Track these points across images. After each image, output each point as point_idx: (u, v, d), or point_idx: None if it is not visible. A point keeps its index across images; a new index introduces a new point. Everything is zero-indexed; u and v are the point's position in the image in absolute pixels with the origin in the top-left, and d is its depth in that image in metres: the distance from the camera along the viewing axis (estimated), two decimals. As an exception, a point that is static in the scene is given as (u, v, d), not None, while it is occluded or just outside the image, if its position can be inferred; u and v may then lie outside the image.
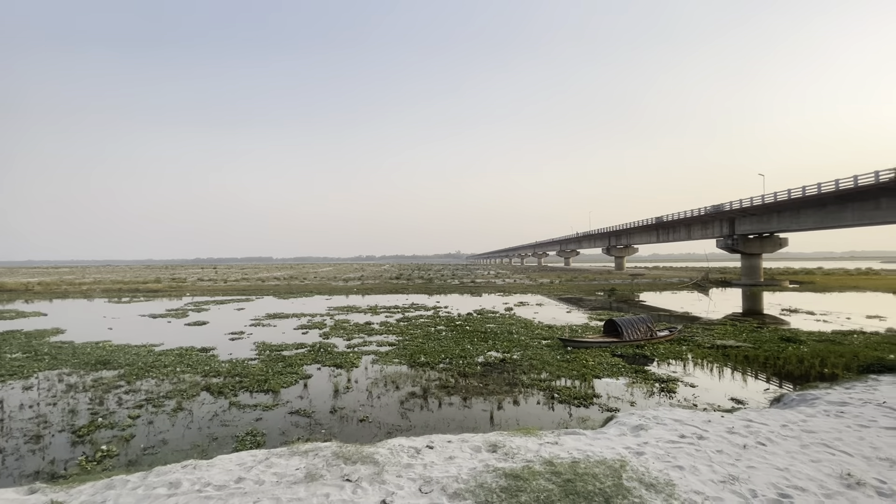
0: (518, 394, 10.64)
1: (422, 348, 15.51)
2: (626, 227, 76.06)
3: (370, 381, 11.66)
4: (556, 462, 4.42)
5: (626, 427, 5.83)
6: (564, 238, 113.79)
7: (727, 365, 13.23)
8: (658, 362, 13.72)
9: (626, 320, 16.81)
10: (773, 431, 5.72)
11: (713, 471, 4.53)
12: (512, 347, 15.63)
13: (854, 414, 6.47)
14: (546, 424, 7.64)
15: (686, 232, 60.55)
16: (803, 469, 4.65)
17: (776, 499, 4.05)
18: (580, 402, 9.93)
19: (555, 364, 13.10)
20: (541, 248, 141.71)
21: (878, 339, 16.43)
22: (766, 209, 44.62)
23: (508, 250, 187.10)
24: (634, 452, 4.91)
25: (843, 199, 36.58)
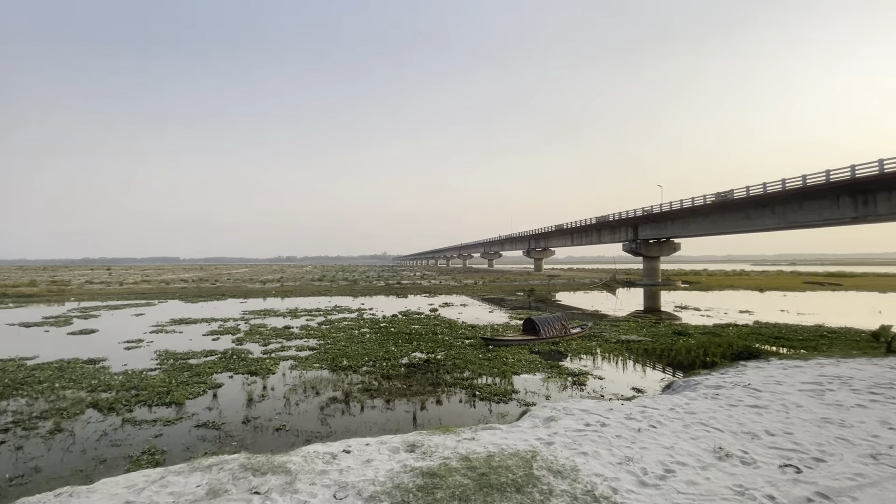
0: (441, 393, 10.78)
1: (344, 352, 15.13)
2: (544, 232, 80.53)
3: (288, 388, 11.13)
4: (472, 457, 4.58)
5: (539, 419, 6.19)
6: (488, 241, 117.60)
7: (630, 358, 14.53)
8: (571, 357, 14.67)
9: (543, 319, 17.77)
10: (662, 415, 6.43)
11: (612, 454, 4.98)
12: (436, 348, 15.80)
13: (726, 395, 7.49)
14: (468, 421, 7.85)
15: (597, 236, 65.60)
16: (685, 446, 5.29)
17: (662, 474, 4.56)
18: (500, 398, 10.30)
19: (477, 363, 13.46)
20: (466, 251, 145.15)
21: (747, 331, 19.08)
22: (663, 217, 49.81)
23: (435, 252, 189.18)
24: (545, 443, 5.24)
25: (721, 209, 41.98)
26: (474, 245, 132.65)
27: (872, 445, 5.55)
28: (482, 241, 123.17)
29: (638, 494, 4.13)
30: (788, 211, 35.58)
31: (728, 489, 4.32)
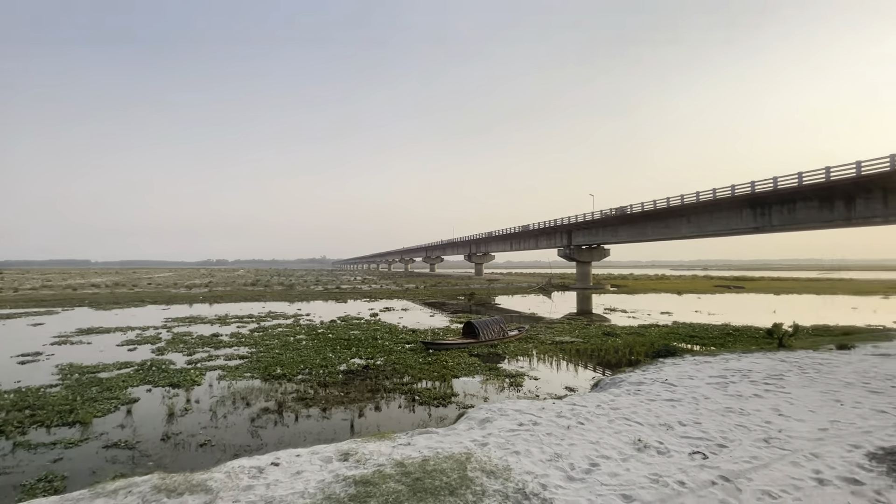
0: (380, 399, 10.64)
1: (278, 359, 14.47)
2: (485, 237, 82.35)
3: (215, 400, 10.44)
4: (406, 463, 4.57)
5: (475, 421, 6.31)
6: (430, 245, 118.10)
7: (564, 358, 15.21)
8: (509, 359, 15.07)
9: (483, 322, 18.12)
10: (590, 412, 6.82)
11: (543, 451, 5.19)
12: (376, 353, 15.58)
13: (646, 391, 8.10)
14: (406, 427, 7.80)
15: (535, 242, 68.19)
16: (609, 440, 5.65)
17: (588, 468, 4.84)
18: (439, 402, 10.35)
19: (417, 367, 13.44)
20: (408, 255, 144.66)
21: (667, 331, 20.72)
22: (594, 224, 52.85)
23: (376, 256, 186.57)
24: (479, 444, 5.35)
25: (645, 218, 45.35)
26: (416, 249, 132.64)
27: (765, 430, 6.26)
28: (424, 246, 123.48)
29: (565, 489, 4.35)
30: (702, 221, 39.18)
31: (645, 478, 4.67)
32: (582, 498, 4.18)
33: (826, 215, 29.48)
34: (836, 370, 9.72)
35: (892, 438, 6.00)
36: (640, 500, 4.23)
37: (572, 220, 55.62)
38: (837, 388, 8.30)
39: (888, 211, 26.31)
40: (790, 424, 6.50)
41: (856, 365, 10.21)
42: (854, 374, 9.39)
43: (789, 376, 9.23)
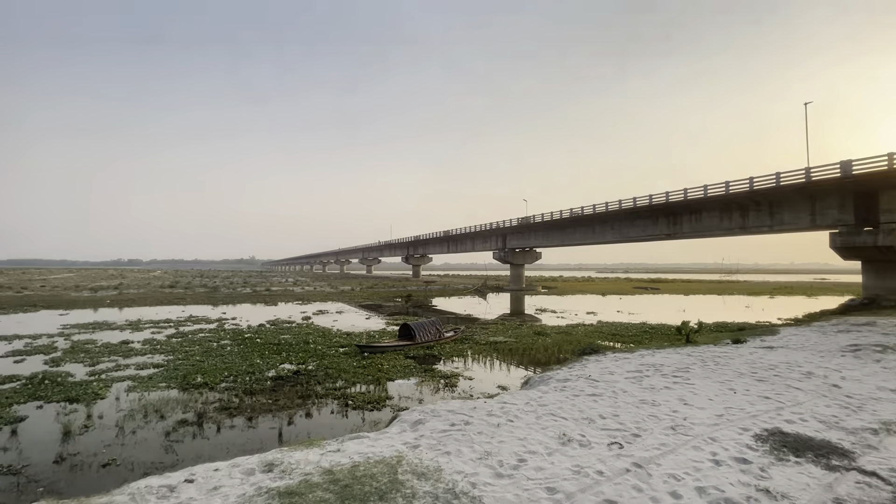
0: (312, 405, 10.32)
1: (199, 367, 13.48)
2: (422, 239, 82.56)
3: (123, 414, 9.50)
4: (335, 470, 4.46)
5: (407, 423, 6.32)
6: (367, 246, 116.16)
7: (497, 358, 15.64)
8: (444, 360, 15.23)
9: (419, 324, 18.16)
10: (519, 409, 7.09)
11: (473, 450, 5.32)
12: (308, 358, 15.05)
13: (572, 387, 8.59)
14: (339, 432, 7.61)
15: (471, 244, 69.52)
16: (537, 436, 5.92)
17: (516, 464, 5.03)
18: (374, 405, 10.23)
19: (351, 371, 13.18)
20: (344, 256, 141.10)
21: (592, 329, 22.08)
22: (526, 228, 55.03)
23: (310, 257, 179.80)
24: (411, 446, 5.36)
25: (574, 223, 48.03)
26: (353, 251, 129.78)
27: (673, 419, 6.89)
28: (361, 247, 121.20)
29: (494, 486, 4.49)
30: (624, 227, 42.24)
31: (568, 470, 4.95)
32: (509, 493, 4.34)
33: (726, 224, 33.04)
34: (731, 362, 10.93)
35: (773, 421, 6.87)
36: (563, 491, 4.48)
37: (507, 224, 57.48)
38: (732, 378, 9.35)
39: (773, 221, 30.06)
40: (693, 412, 7.21)
41: (746, 357, 11.56)
42: (745, 365, 10.63)
43: (694, 369, 10.24)
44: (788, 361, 10.95)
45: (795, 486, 4.86)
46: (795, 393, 8.33)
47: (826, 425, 6.71)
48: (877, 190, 24.93)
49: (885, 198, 24.72)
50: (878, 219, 24.91)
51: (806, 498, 4.65)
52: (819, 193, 27.33)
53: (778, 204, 29.61)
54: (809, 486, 4.87)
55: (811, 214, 28.00)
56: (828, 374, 9.71)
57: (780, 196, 29.12)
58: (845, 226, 26.37)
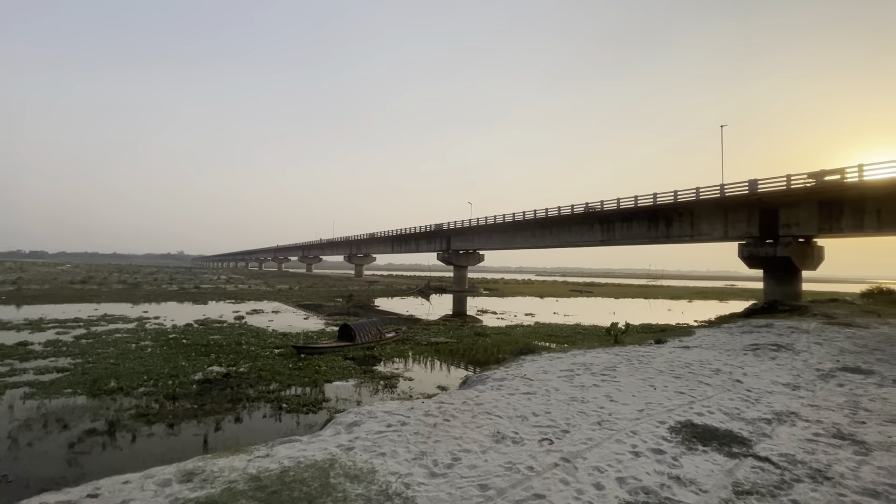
0: (242, 409, 9.83)
1: (114, 371, 12.35)
2: (366, 238, 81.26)
3: (16, 425, 8.48)
4: (263, 476, 4.27)
5: (342, 426, 6.19)
6: (308, 244, 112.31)
7: (438, 358, 15.75)
8: (385, 361, 15.10)
9: (359, 324, 17.87)
10: (456, 408, 7.20)
11: (409, 451, 5.33)
12: (239, 360, 14.30)
13: (507, 386, 8.86)
14: (272, 437, 7.30)
15: (415, 245, 69.46)
16: (472, 434, 6.04)
17: (450, 462, 5.11)
18: (309, 408, 9.94)
19: (286, 373, 12.71)
20: (282, 253, 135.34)
21: (530, 330, 22.87)
22: (470, 231, 55.95)
23: (245, 253, 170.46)
24: (345, 449, 5.27)
25: (515, 227, 49.54)
26: (292, 248, 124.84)
27: (600, 415, 7.32)
28: (301, 244, 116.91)
29: (427, 485, 4.52)
30: (562, 232, 44.19)
31: (500, 467, 5.10)
32: (442, 492, 4.39)
33: (653, 233, 35.62)
34: (652, 361, 11.80)
35: (686, 414, 7.50)
36: (495, 487, 4.61)
37: (452, 226, 58.09)
38: (653, 376, 10.09)
39: (694, 231, 32.86)
40: (617, 408, 7.70)
41: (666, 356, 12.55)
42: (664, 363, 11.52)
43: (620, 368, 10.94)
44: (701, 360, 12.02)
45: (702, 473, 5.35)
46: (705, 388, 9.16)
47: (729, 417, 7.44)
48: (777, 207, 28.05)
49: (783, 214, 27.87)
50: (777, 232, 28.02)
51: (710, 483, 5.12)
52: (731, 208, 30.27)
53: (698, 216, 32.40)
54: (713, 473, 5.38)
55: (725, 226, 30.93)
56: (733, 370, 10.77)
57: (700, 209, 31.89)
58: (751, 238, 29.41)
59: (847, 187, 24.79)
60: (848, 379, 10.01)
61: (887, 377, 10.13)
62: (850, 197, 25.16)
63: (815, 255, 28.47)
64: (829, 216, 26.11)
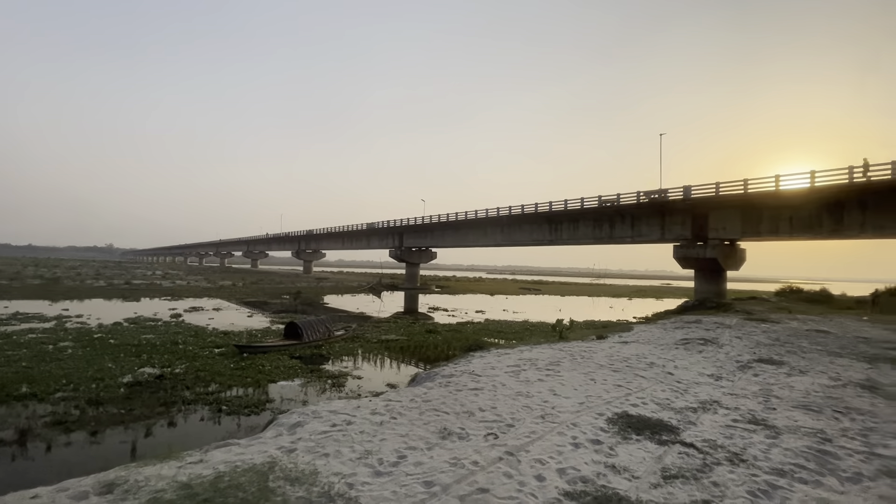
0: (177, 413, 9.30)
1: (25, 375, 11.22)
2: (316, 233, 79.00)
3: None
4: (195, 483, 4.04)
5: (284, 427, 5.99)
6: (253, 238, 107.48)
7: (388, 356, 15.65)
8: (333, 360, 14.81)
9: (307, 322, 17.38)
10: (404, 406, 7.18)
11: (353, 450, 5.25)
12: (175, 360, 13.49)
13: (455, 382, 8.96)
14: (209, 441, 6.93)
15: (367, 241, 68.47)
16: (418, 431, 6.05)
17: (396, 461, 5.09)
18: (251, 410, 9.59)
19: (227, 374, 12.16)
20: (225, 248, 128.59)
21: (480, 327, 23.26)
22: (423, 228, 55.93)
23: (184, 248, 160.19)
24: (287, 451, 5.10)
25: (467, 225, 50.11)
26: (236, 242, 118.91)
27: (543, 409, 7.57)
28: (246, 239, 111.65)
29: (371, 484, 4.48)
30: (513, 231, 45.22)
31: (446, 463, 5.15)
32: (387, 491, 4.36)
33: (598, 233, 37.31)
34: (594, 355, 12.38)
35: (622, 405, 7.94)
36: (440, 483, 4.65)
37: (404, 223, 57.77)
38: (593, 370, 10.59)
39: (634, 233, 34.76)
40: (560, 402, 8.00)
41: (607, 351, 13.20)
42: (605, 357, 12.12)
43: (564, 362, 11.38)
44: (638, 354, 12.75)
45: (634, 461, 5.68)
46: (641, 381, 9.73)
47: (661, 407, 7.95)
48: (707, 211, 30.29)
49: (713, 218, 30.14)
50: (707, 235, 30.27)
51: (642, 469, 5.45)
52: (668, 212, 32.31)
53: (638, 218, 34.30)
54: (645, 460, 5.73)
55: (662, 229, 32.98)
56: (665, 363, 11.52)
57: (640, 212, 33.78)
58: (685, 240, 31.57)
59: (765, 196, 27.23)
60: (763, 369, 11.01)
61: (794, 367, 11.25)
62: (768, 205, 27.66)
63: (738, 256, 31.04)
64: (751, 221, 28.57)
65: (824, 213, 25.73)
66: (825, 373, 10.66)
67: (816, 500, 4.74)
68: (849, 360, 12.29)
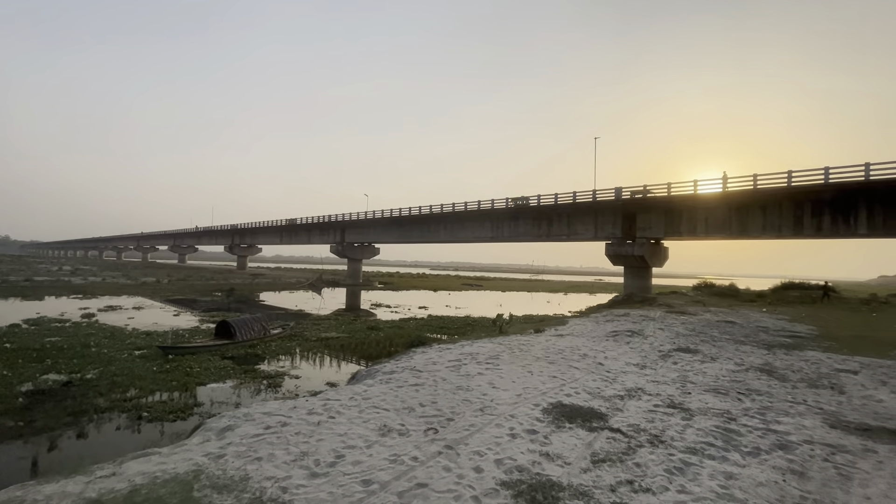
0: (88, 423, 8.47)
1: None
2: (251, 227, 75.05)
3: None
4: (105, 499, 3.69)
5: (213, 432, 5.65)
6: (180, 232, 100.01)
7: (328, 354, 15.24)
8: (269, 360, 14.18)
9: (240, 320, 16.52)
10: (343, 405, 7.04)
11: (288, 452, 5.07)
12: (86, 365, 12.25)
13: (396, 379, 8.94)
14: (126, 451, 6.36)
15: (307, 236, 66.15)
16: (358, 430, 5.97)
17: (333, 461, 4.99)
18: (177, 415, 8.95)
19: (149, 377, 11.25)
20: (148, 242, 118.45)
21: (423, 323, 23.32)
22: (366, 223, 55.00)
23: (99, 241, 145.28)
24: (215, 457, 4.82)
25: (411, 222, 49.98)
26: (161, 236, 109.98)
27: (482, 402, 7.75)
28: (172, 232, 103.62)
29: (307, 487, 4.35)
30: (456, 228, 45.71)
31: (385, 460, 5.12)
32: (323, 492, 4.26)
33: (536, 231, 38.71)
34: (531, 349, 12.86)
35: (557, 396, 8.32)
36: (378, 481, 4.61)
37: (346, 218, 56.44)
38: (531, 363, 11.00)
39: (570, 231, 36.49)
40: (499, 394, 8.24)
41: (543, 344, 13.77)
42: (542, 350, 12.64)
43: (503, 356, 11.71)
44: (572, 346, 13.43)
45: (567, 448, 5.98)
46: (574, 371, 10.25)
47: (592, 395, 8.44)
48: (636, 212, 32.47)
49: (640, 218, 32.36)
50: (635, 234, 32.46)
51: (574, 455, 5.76)
52: (600, 212, 34.24)
53: (574, 217, 36.03)
54: (577, 446, 6.05)
55: (595, 228, 34.88)
56: (596, 354, 12.23)
57: (576, 211, 35.50)
58: (615, 238, 33.62)
59: (685, 199, 29.71)
60: (681, 358, 12.03)
61: (707, 355, 12.41)
62: (687, 207, 30.21)
63: (662, 254, 33.61)
64: (673, 222, 31.05)
65: (734, 216, 28.56)
66: (732, 359, 11.86)
67: (722, 473, 5.27)
68: (751, 347, 13.76)
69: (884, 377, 10.16)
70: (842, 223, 24.84)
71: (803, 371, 10.68)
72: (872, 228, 23.92)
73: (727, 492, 4.82)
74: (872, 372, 10.65)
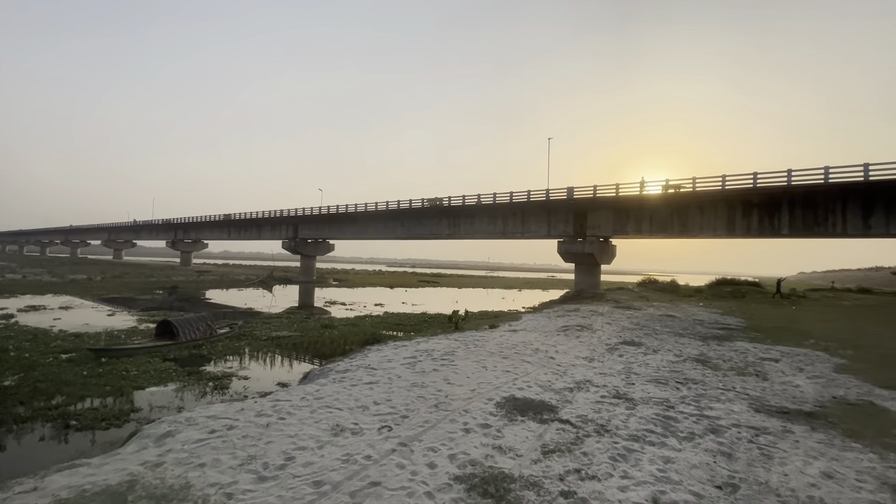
0: (6, 434, 7.73)
1: None
2: (195, 221, 71.10)
3: None
4: (25, 519, 3.40)
5: (151, 439, 5.32)
6: (116, 225, 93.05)
7: (280, 353, 14.75)
8: (216, 361, 13.54)
9: (184, 320, 15.65)
10: (293, 405, 6.85)
11: (234, 457, 4.87)
12: (4, 371, 11.16)
13: (350, 377, 8.81)
14: (50, 463, 5.85)
15: (257, 232, 63.57)
16: (309, 431, 5.83)
17: (283, 463, 4.84)
18: (110, 423, 8.35)
19: (79, 383, 10.42)
20: (78, 236, 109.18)
21: (378, 320, 23.07)
22: (321, 219, 53.61)
23: (18, 234, 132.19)
24: (152, 465, 4.53)
25: (368, 218, 49.27)
26: (93, 229, 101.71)
27: (437, 398, 7.80)
28: (107, 226, 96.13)
29: (254, 491, 4.20)
30: (413, 225, 45.53)
31: (337, 460, 5.04)
32: (271, 496, 4.12)
33: (492, 229, 39.32)
34: (486, 344, 13.08)
35: (510, 390, 8.52)
36: (330, 482, 4.53)
37: (299, 213, 54.76)
38: (485, 358, 11.19)
39: (524, 229, 37.35)
40: (454, 390, 8.32)
41: (498, 339, 14.04)
42: (496, 346, 12.88)
43: (458, 352, 11.83)
44: (525, 341, 13.78)
45: (519, 440, 6.15)
46: (527, 366, 10.54)
47: (543, 389, 8.71)
48: (586, 211, 33.74)
49: (591, 217, 33.66)
50: (586, 233, 33.74)
51: (525, 447, 5.92)
52: (553, 210, 35.28)
53: (528, 215, 36.90)
54: (528, 439, 6.23)
55: (548, 226, 35.90)
56: (548, 349, 12.63)
57: (530, 209, 36.37)
58: (567, 236, 34.78)
59: (631, 199, 31.24)
60: (626, 350, 12.67)
61: (650, 347, 13.14)
62: (633, 207, 31.78)
63: (611, 252, 35.14)
64: (620, 221, 32.54)
65: (675, 216, 30.37)
66: (671, 351, 12.64)
67: (661, 458, 5.61)
68: (688, 339, 14.72)
69: (801, 364, 11.21)
70: (768, 224, 27.09)
71: (733, 360, 11.57)
72: (794, 229, 26.30)
73: (665, 475, 5.14)
74: (791, 360, 11.72)
